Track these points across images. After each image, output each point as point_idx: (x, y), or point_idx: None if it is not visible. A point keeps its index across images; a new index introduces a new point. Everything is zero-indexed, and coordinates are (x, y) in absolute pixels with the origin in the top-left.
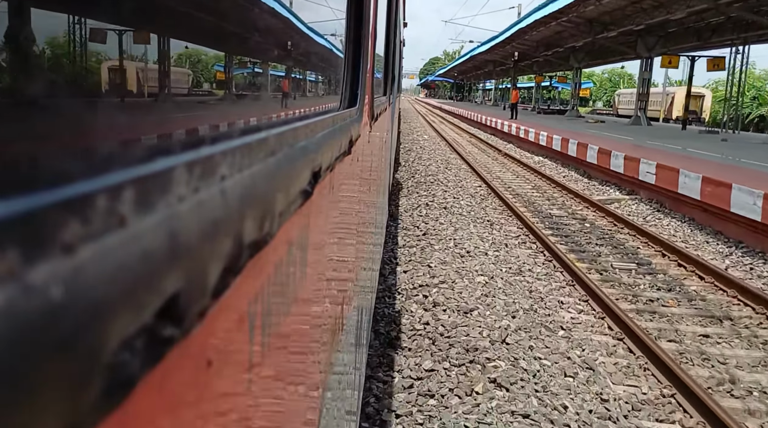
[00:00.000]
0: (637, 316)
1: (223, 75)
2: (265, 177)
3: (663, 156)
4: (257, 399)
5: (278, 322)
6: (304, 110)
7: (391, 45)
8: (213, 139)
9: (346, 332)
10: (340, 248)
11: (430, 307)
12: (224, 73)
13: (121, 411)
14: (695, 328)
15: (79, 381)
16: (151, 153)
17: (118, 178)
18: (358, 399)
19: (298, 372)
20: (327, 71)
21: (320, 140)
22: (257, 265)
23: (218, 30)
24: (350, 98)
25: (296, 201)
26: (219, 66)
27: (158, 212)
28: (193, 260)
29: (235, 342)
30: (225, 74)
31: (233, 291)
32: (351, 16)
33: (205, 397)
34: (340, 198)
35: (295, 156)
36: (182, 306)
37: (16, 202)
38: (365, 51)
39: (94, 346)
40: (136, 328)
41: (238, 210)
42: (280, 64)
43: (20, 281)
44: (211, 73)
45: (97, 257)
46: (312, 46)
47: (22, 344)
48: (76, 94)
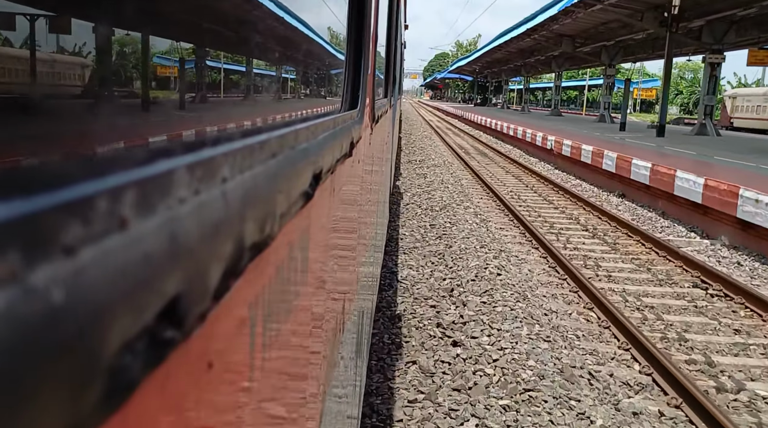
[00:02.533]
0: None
1: (225, 77)
2: (266, 179)
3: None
4: (258, 401)
5: (279, 324)
6: (306, 112)
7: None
8: (214, 141)
9: (347, 333)
10: (341, 250)
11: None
12: (226, 75)
13: (123, 413)
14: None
15: (81, 383)
16: (152, 155)
17: (120, 180)
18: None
19: (299, 374)
20: (328, 73)
21: (321, 142)
22: (258, 267)
23: (220, 32)
24: (351, 100)
25: (297, 203)
26: (221, 68)
27: (159, 214)
28: (194, 262)
29: (235, 344)
30: (226, 76)
31: (234, 293)
32: (352, 18)
33: (205, 399)
34: (341, 200)
35: (296, 158)
36: (183, 308)
37: (17, 204)
38: (366, 53)
39: (95, 348)
40: (137, 330)
41: (239, 212)
42: (281, 66)
43: (21, 284)
44: (212, 76)
45: (98, 259)
46: (313, 49)
47: (24, 346)
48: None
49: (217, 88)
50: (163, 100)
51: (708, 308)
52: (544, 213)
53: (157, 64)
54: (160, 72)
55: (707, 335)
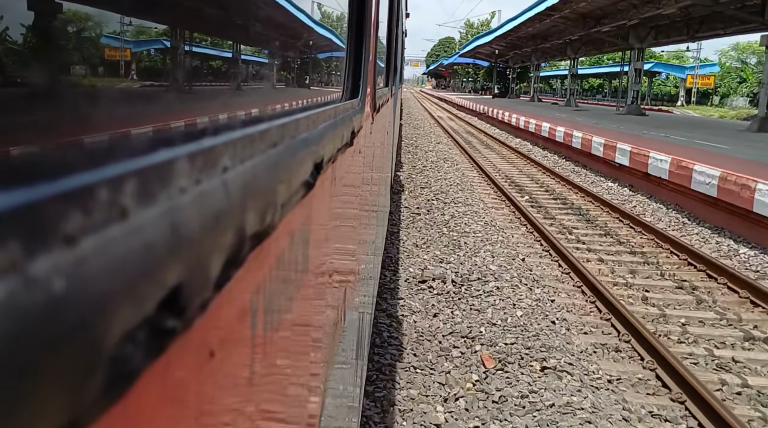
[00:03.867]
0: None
1: (225, 66)
2: (267, 169)
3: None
4: (259, 390)
5: (280, 313)
6: (306, 101)
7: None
8: (215, 130)
9: (348, 322)
10: (342, 240)
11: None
12: (226, 63)
13: (124, 403)
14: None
15: (82, 373)
16: (153, 144)
17: (120, 169)
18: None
19: (300, 363)
20: (329, 62)
21: (322, 132)
22: (259, 257)
23: (219, 20)
24: (352, 89)
25: (298, 193)
26: (221, 57)
27: (160, 204)
28: (195, 251)
29: (237, 333)
30: (227, 65)
31: (235, 283)
32: (353, 7)
33: (207, 388)
34: (342, 190)
35: (297, 148)
36: (184, 298)
37: (17, 194)
38: (367, 42)
39: (97, 338)
40: (138, 320)
41: (240, 202)
42: (282, 54)
43: (22, 274)
44: (212, 64)
45: (99, 249)
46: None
47: (25, 336)
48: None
49: (218, 76)
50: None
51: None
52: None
53: (158, 53)
54: (161, 61)
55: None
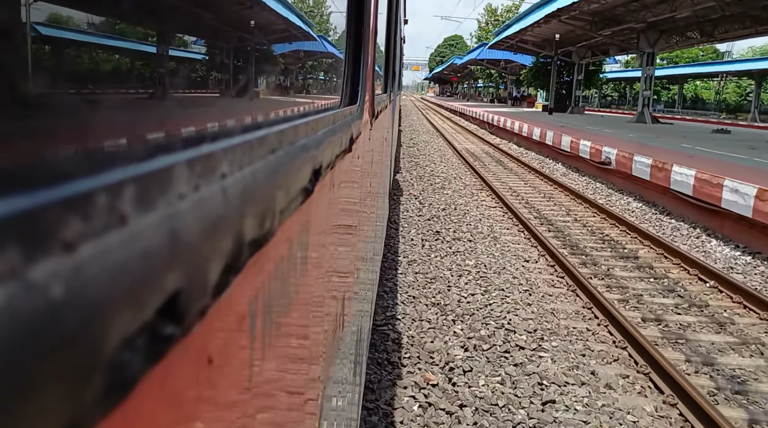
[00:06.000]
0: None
1: (224, 72)
2: (265, 175)
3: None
4: (258, 397)
5: (279, 320)
6: (305, 108)
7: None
8: (214, 136)
9: (347, 328)
10: (341, 246)
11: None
12: (225, 70)
13: (122, 409)
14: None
15: (81, 379)
16: (152, 151)
17: (119, 176)
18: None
19: (299, 369)
20: (328, 69)
21: (321, 138)
22: (258, 263)
23: (218, 27)
24: (351, 96)
25: (297, 199)
26: (220, 63)
27: (159, 210)
28: (193, 258)
29: (235, 340)
30: (226, 71)
31: (234, 289)
32: (352, 14)
33: (205, 395)
34: (340, 196)
35: (295, 154)
36: (183, 304)
37: (16, 200)
38: (366, 49)
39: (95, 344)
40: (136, 326)
41: (238, 208)
42: (281, 61)
43: (21, 280)
44: (211, 71)
45: (97, 255)
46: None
47: (23, 342)
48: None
49: (217, 83)
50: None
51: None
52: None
53: (157, 59)
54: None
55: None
